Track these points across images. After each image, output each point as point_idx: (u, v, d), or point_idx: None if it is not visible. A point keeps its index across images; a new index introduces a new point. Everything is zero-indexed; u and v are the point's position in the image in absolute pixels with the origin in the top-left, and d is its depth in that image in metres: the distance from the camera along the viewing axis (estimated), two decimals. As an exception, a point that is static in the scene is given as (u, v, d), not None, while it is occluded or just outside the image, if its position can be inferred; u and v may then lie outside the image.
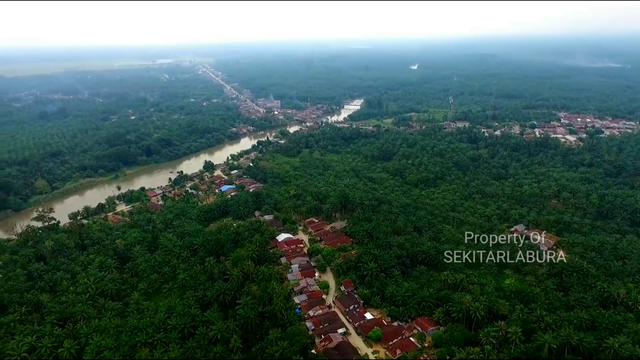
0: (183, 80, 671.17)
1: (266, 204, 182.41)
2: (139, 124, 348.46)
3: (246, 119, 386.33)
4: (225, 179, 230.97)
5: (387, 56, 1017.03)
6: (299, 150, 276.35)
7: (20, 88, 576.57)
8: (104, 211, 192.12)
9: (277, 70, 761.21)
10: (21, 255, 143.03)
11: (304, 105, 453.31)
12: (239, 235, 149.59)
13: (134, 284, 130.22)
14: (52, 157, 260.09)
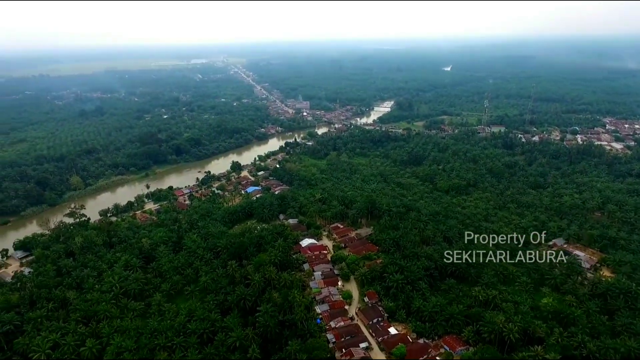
0: (215, 80, 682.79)
1: (291, 207, 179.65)
2: (170, 123, 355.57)
3: (275, 119, 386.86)
4: (251, 180, 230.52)
5: (419, 57, 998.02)
6: (327, 152, 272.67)
7: (63, 86, 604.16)
8: (132, 209, 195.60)
9: (308, 70, 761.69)
10: (52, 250, 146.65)
11: (333, 106, 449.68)
12: (262, 239, 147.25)
13: (157, 285, 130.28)
14: (87, 154, 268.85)
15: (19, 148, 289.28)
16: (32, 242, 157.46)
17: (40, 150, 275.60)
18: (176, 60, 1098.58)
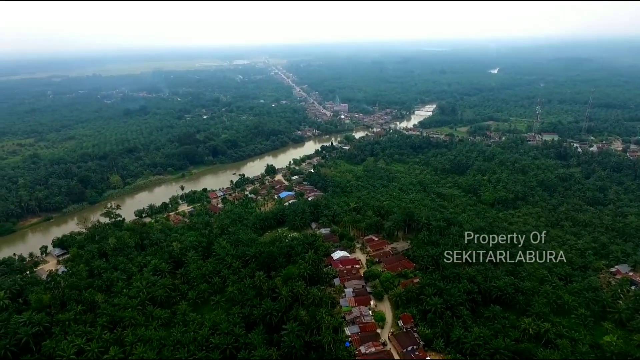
0: (256, 81, 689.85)
1: (324, 215, 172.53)
2: (209, 124, 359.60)
3: (312, 122, 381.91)
4: (285, 185, 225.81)
5: (464, 59, 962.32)
6: (363, 158, 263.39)
7: (112, 86, 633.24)
8: (167, 210, 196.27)
9: (348, 72, 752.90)
10: (86, 250, 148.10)
11: (372, 109, 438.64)
12: (292, 250, 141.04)
13: (184, 292, 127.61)
14: (128, 153, 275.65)
15: (67, 145, 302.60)
16: (69, 241, 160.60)
17: (86, 148, 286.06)
18: (219, 61, 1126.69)
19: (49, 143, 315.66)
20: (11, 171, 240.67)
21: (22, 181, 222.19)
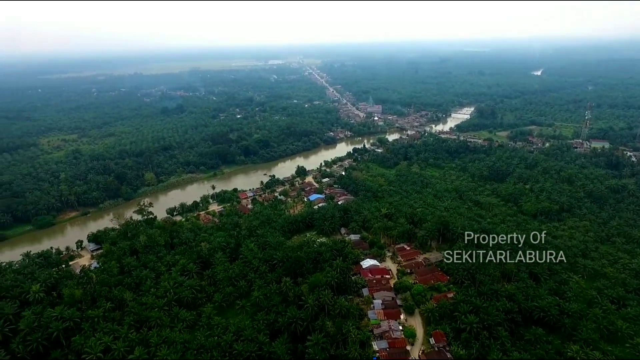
0: (289, 81, 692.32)
1: (354, 221, 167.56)
2: (242, 123, 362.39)
3: (345, 123, 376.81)
4: (315, 187, 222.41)
5: (505, 60, 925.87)
6: (397, 161, 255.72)
7: (152, 84, 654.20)
8: (197, 209, 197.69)
9: (382, 73, 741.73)
10: (118, 247, 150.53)
11: (406, 111, 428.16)
12: (320, 256, 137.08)
13: (210, 294, 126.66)
14: (163, 150, 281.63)
15: (107, 142, 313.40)
16: (102, 236, 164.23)
17: (124, 145, 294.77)
18: (255, 60, 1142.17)
19: (90, 139, 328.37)
20: (54, 166, 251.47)
21: (64, 176, 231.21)
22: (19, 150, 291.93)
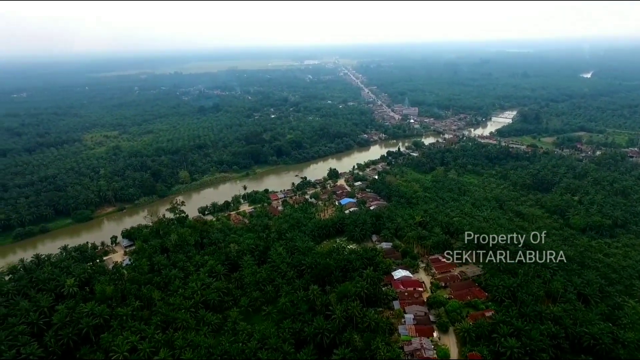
0: (324, 81, 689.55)
1: (386, 228, 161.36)
2: (276, 123, 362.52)
3: (379, 125, 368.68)
4: (347, 191, 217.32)
5: (550, 61, 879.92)
6: (433, 166, 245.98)
7: (191, 83, 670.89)
8: (228, 209, 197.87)
9: (419, 74, 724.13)
10: (150, 245, 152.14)
11: (444, 114, 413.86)
12: (350, 265, 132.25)
13: (237, 298, 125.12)
14: (198, 149, 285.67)
15: (145, 139, 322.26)
16: (136, 233, 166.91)
17: (161, 142, 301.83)
18: (291, 60, 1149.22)
19: (130, 136, 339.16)
20: (95, 161, 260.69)
21: (103, 172, 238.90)
22: (65, 145, 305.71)
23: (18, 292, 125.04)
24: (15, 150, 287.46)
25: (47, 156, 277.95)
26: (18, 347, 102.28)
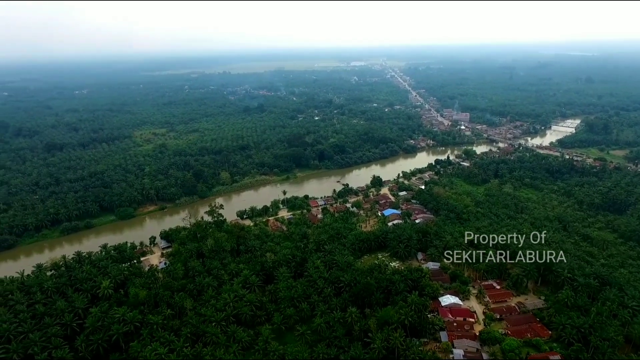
0: (370, 83, 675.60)
1: (433, 246, 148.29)
2: (319, 126, 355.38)
3: (427, 131, 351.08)
4: (391, 200, 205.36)
5: (619, 66, 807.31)
6: (485, 178, 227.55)
7: (238, 83, 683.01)
8: (267, 214, 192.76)
9: (471, 78, 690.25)
10: (186, 248, 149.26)
11: (498, 121, 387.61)
12: (393, 286, 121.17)
13: (270, 313, 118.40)
14: (240, 150, 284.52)
15: (190, 137, 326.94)
16: (173, 235, 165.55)
17: (205, 142, 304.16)
18: (337, 62, 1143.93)
19: (177, 134, 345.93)
20: (142, 159, 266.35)
21: (148, 169, 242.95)
22: (116, 142, 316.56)
23: (57, 289, 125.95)
24: (71, 145, 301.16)
25: (98, 152, 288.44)
26: (50, 349, 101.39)
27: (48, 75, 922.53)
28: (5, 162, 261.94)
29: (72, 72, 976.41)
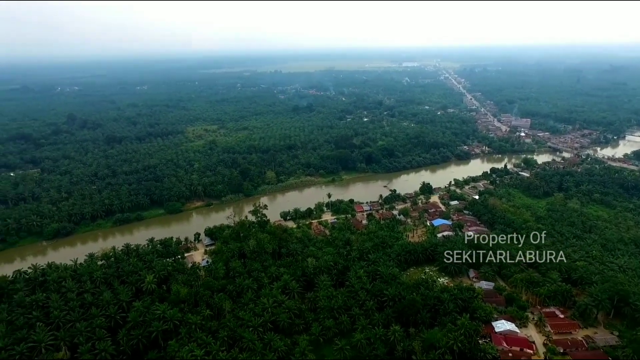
0: (423, 85, 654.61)
1: (487, 263, 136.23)
2: (368, 128, 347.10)
3: (482, 136, 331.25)
4: (441, 210, 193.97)
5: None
6: (548, 191, 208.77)
7: (288, 82, 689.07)
8: (310, 217, 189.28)
9: (533, 81, 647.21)
10: (228, 247, 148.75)
11: (562, 128, 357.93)
12: (441, 305, 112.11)
13: (308, 322, 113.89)
14: (287, 149, 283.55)
15: (240, 135, 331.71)
16: (217, 232, 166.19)
17: (253, 140, 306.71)
18: (389, 62, 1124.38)
19: (227, 131, 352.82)
20: (192, 154, 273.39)
21: (197, 165, 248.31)
22: (169, 137, 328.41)
23: (105, 280, 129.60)
24: (129, 138, 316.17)
25: (153, 146, 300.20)
26: (94, 340, 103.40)
27: (115, 71, 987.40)
28: (70, 152, 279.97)
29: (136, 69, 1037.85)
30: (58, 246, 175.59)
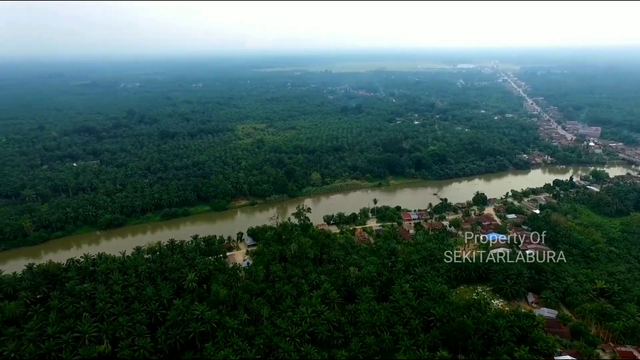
0: (479, 88, 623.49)
1: (550, 288, 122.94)
2: (419, 131, 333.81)
3: (544, 145, 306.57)
4: (496, 223, 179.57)
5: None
6: (621, 209, 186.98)
7: (338, 82, 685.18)
8: (354, 222, 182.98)
9: (603, 85, 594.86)
10: (269, 250, 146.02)
11: (638, 138, 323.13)
12: (495, 332, 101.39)
13: (347, 336, 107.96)
14: (334, 151, 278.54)
15: (287, 135, 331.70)
16: (260, 233, 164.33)
17: (300, 140, 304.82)
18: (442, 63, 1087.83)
19: (275, 130, 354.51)
20: (240, 152, 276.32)
21: (244, 163, 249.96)
22: (219, 134, 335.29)
23: (149, 275, 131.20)
24: (181, 134, 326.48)
25: (203, 142, 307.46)
26: (134, 336, 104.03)
27: (173, 69, 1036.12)
28: (127, 145, 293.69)
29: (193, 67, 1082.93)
30: (110, 236, 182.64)
